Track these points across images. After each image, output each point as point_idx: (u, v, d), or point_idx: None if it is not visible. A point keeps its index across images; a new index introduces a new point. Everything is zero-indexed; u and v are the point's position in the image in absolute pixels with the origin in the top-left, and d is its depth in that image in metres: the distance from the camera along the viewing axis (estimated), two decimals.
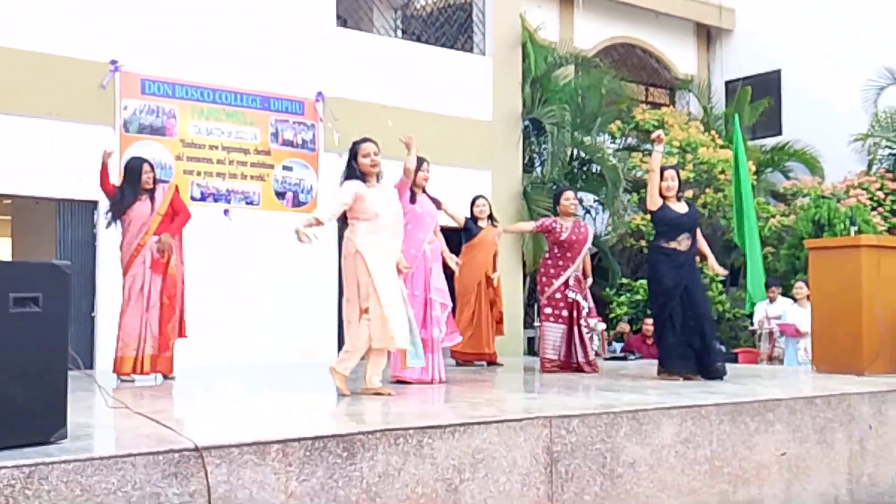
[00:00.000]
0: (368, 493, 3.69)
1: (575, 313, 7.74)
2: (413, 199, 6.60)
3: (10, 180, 8.32)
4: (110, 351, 8.01)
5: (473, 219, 9.00)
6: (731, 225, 13.05)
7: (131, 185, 6.95)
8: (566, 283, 7.76)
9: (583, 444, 4.38)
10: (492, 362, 8.86)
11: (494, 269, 8.93)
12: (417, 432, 3.89)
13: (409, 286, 6.45)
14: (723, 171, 13.01)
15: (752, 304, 11.10)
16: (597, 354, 10.95)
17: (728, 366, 8.90)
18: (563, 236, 7.76)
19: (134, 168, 7.00)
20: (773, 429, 5.23)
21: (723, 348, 11.15)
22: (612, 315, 12.14)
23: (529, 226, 8.53)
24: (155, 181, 7.04)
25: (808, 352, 8.64)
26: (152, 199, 6.97)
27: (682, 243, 6.76)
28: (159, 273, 6.86)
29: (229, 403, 5.49)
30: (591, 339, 7.83)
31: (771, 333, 10.68)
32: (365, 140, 5.75)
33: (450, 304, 6.85)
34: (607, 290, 12.54)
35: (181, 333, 7.13)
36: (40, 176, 8.40)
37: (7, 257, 14.46)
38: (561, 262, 7.81)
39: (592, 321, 7.88)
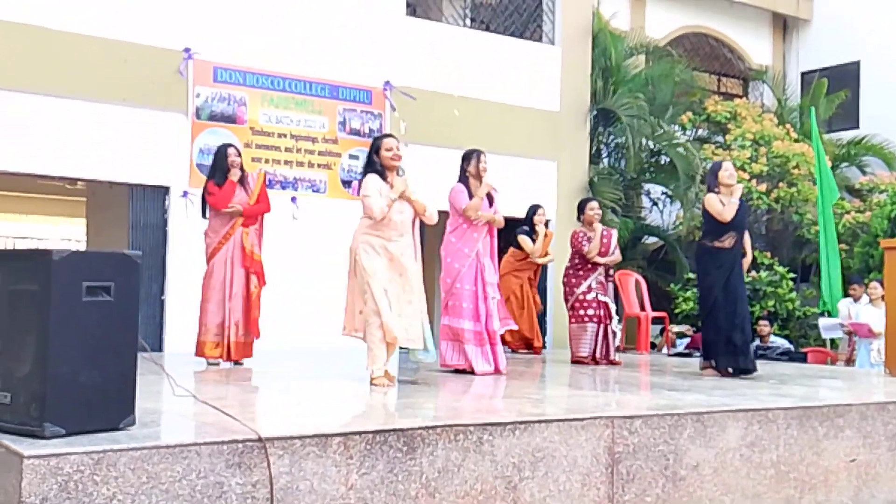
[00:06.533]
0: (428, 489, 3.69)
1: (602, 312, 8.03)
2: (471, 198, 6.72)
3: (86, 164, 8.53)
4: (179, 333, 8.20)
5: (531, 227, 9.14)
6: (804, 221, 12.76)
7: (220, 169, 7.07)
8: (589, 288, 8.06)
9: (645, 445, 4.33)
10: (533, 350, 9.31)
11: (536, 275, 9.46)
12: (478, 429, 3.88)
13: (462, 281, 6.62)
14: (797, 166, 12.69)
15: (825, 304, 10.84)
16: (654, 346, 11.00)
17: (797, 366, 8.78)
18: (585, 248, 8.07)
19: (220, 152, 7.14)
20: (842, 434, 5.09)
21: (791, 347, 10.92)
22: (677, 311, 11.95)
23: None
24: (242, 167, 7.14)
25: (882, 353, 8.39)
26: (243, 188, 7.07)
27: (726, 241, 6.84)
28: (240, 263, 6.97)
29: (293, 392, 5.55)
30: (614, 339, 8.16)
31: (850, 334, 10.38)
32: (387, 135, 6.05)
33: (499, 296, 6.97)
34: (672, 285, 12.35)
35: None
36: (114, 161, 8.60)
37: (82, 237, 14.90)
38: (581, 272, 8.15)
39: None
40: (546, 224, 9.38)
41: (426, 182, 6.83)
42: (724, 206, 6.80)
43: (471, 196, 6.71)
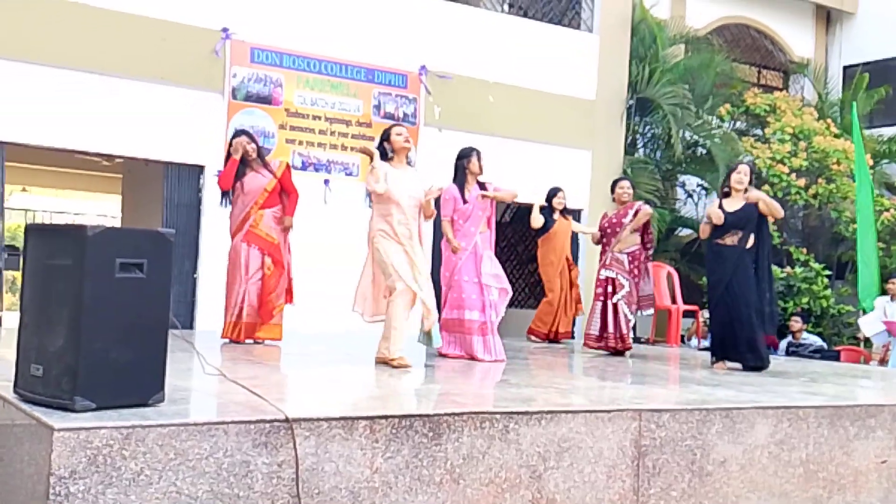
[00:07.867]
0: (452, 475, 3.69)
1: (609, 289, 8.06)
2: (465, 200, 6.85)
3: (123, 141, 8.61)
4: (210, 311, 8.27)
5: (550, 210, 9.24)
6: (841, 217, 12.56)
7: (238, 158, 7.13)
8: (602, 265, 8.18)
9: (672, 439, 4.29)
10: (554, 340, 9.35)
11: (572, 253, 9.55)
12: (504, 417, 3.87)
13: (460, 273, 6.77)
14: (837, 162, 12.48)
15: (861, 302, 10.70)
16: (684, 340, 10.94)
17: (829, 364, 8.68)
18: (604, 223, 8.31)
19: (232, 142, 7.19)
20: (874, 435, 5.02)
21: (824, 344, 10.79)
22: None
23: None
24: (259, 152, 7.18)
25: None
26: (266, 172, 7.11)
27: (727, 239, 6.92)
28: (254, 244, 7.01)
29: (321, 374, 5.58)
30: (626, 318, 8.02)
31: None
32: (397, 124, 6.39)
33: (509, 288, 6.98)
34: (704, 278, 12.21)
35: (288, 300, 7.29)
36: (151, 139, 8.66)
37: (117, 214, 15.05)
38: (602, 250, 8.28)
39: (624, 305, 8.01)
40: (565, 208, 9.42)
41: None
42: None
43: (463, 195, 6.83)
